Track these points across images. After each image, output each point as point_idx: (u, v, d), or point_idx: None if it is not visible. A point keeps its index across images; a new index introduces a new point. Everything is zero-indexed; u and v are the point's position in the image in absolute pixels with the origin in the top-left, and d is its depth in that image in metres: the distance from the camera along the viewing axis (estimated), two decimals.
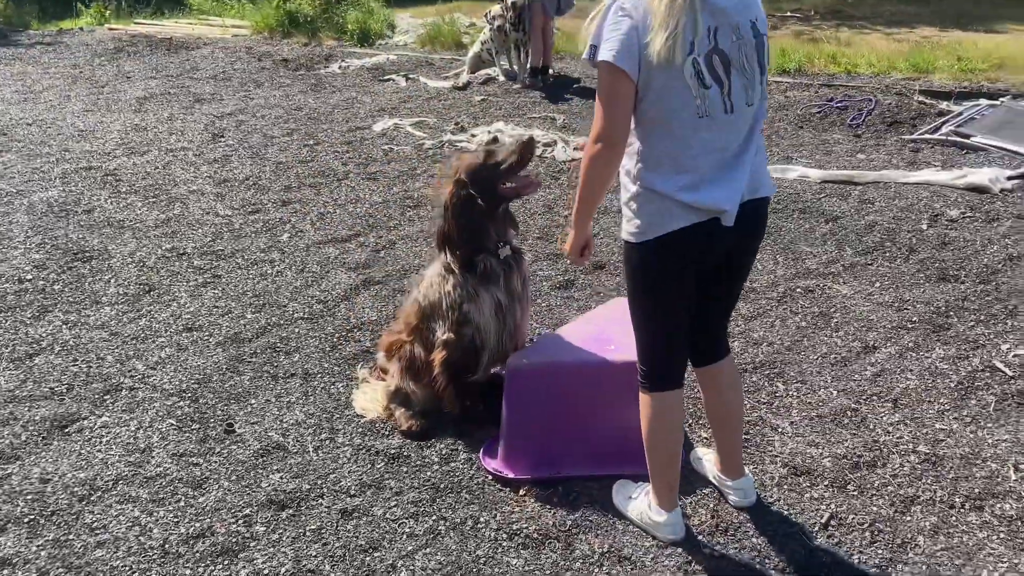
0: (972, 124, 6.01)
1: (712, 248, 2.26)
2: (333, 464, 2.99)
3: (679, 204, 2.16)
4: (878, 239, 4.55)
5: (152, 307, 4.21)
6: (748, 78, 2.15)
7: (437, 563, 2.52)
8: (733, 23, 2.10)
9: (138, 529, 2.70)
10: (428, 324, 3.08)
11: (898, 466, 2.83)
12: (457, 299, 2.95)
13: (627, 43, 2.07)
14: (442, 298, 3.01)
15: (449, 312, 2.98)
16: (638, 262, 2.31)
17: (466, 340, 2.99)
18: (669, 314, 2.35)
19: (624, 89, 2.11)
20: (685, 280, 2.29)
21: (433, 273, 3.09)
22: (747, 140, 2.22)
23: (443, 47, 10.25)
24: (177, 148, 6.82)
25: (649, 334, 2.40)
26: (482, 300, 2.95)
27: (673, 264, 2.25)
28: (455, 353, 3.00)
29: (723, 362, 2.55)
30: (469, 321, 2.97)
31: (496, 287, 2.96)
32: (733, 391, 2.60)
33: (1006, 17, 11.03)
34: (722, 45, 2.09)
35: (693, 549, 2.52)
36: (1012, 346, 3.46)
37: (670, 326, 2.37)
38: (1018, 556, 2.41)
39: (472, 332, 2.98)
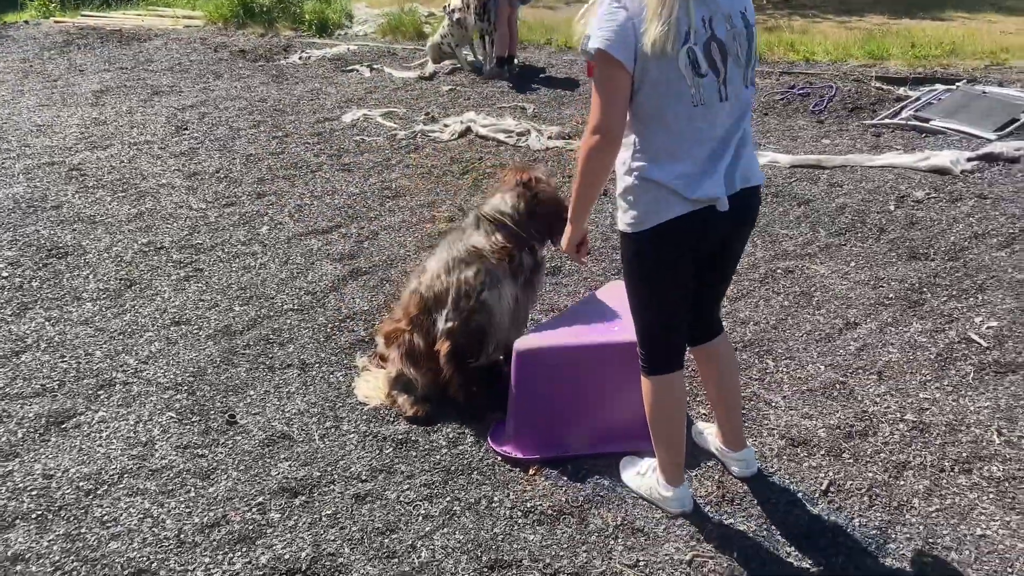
0: (930, 108, 6.24)
1: (707, 236, 2.32)
2: (341, 451, 3.01)
3: (675, 193, 2.21)
4: (849, 220, 4.71)
5: (135, 302, 4.16)
6: (741, 67, 2.22)
7: (456, 541, 2.57)
8: (725, 13, 2.16)
9: (150, 521, 2.69)
10: (429, 315, 3.11)
11: (888, 434, 2.96)
12: (477, 286, 2.99)
13: (622, 34, 2.10)
14: (452, 287, 3.03)
15: (462, 299, 3.01)
16: (635, 252, 2.35)
17: (472, 327, 3.03)
18: (666, 301, 2.40)
19: (621, 80, 2.14)
20: (681, 268, 2.34)
21: (441, 264, 3.10)
22: (739, 128, 2.28)
23: (405, 37, 10.20)
24: (141, 141, 6.70)
25: (647, 321, 2.45)
26: (504, 290, 3.00)
27: (669, 253, 2.31)
28: (460, 340, 3.04)
29: (717, 340, 2.63)
30: (483, 309, 3.01)
31: (519, 280, 3.02)
32: (729, 368, 2.69)
33: (950, 5, 11.42)
34: (719, 34, 2.15)
35: (702, 519, 2.61)
36: (984, 319, 3.63)
37: (668, 313, 2.42)
38: (1008, 514, 2.55)
39: (483, 320, 3.02)
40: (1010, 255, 4.16)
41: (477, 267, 3.00)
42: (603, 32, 2.12)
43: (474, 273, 3.00)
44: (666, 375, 2.47)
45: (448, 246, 3.11)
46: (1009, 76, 7.17)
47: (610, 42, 2.11)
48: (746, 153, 2.31)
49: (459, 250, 3.05)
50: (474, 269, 3.01)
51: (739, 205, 2.30)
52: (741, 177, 2.29)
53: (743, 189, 2.30)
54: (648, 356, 2.48)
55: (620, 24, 2.11)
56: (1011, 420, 2.98)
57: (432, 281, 3.11)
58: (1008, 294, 3.80)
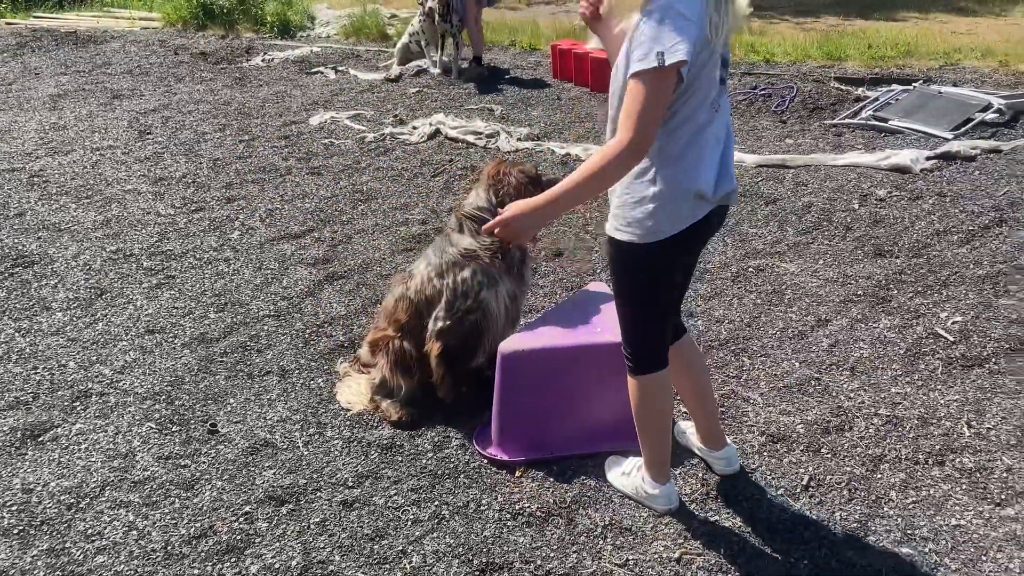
0: (888, 108, 6.40)
1: (710, 236, 2.38)
2: (326, 458, 3.01)
3: (702, 197, 2.23)
4: (816, 219, 4.82)
5: (107, 311, 4.09)
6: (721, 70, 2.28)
7: (447, 545, 2.58)
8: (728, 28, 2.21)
9: (136, 533, 2.66)
10: (420, 320, 3.11)
11: (863, 428, 3.04)
12: (475, 286, 3.00)
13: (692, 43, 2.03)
14: (446, 289, 3.03)
15: (458, 300, 3.02)
16: (643, 261, 2.30)
17: (466, 327, 3.04)
18: (664, 304, 2.44)
19: (670, 94, 2.08)
20: (684, 269, 2.40)
21: (431, 268, 3.10)
22: (729, 129, 2.35)
23: (368, 39, 10.15)
24: (103, 146, 6.58)
25: (641, 324, 2.45)
26: (502, 287, 3.02)
27: (680, 258, 2.36)
28: (451, 341, 3.05)
29: (684, 339, 2.69)
30: (480, 308, 3.02)
31: (512, 275, 3.05)
32: (699, 365, 2.74)
33: (904, 6, 11.70)
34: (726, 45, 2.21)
35: (688, 517, 2.66)
36: (949, 314, 3.75)
37: (662, 315, 2.46)
38: (980, 504, 2.65)
39: (479, 319, 3.04)
40: (971, 251, 4.30)
41: (473, 268, 3.02)
42: (677, 43, 2.00)
43: (471, 274, 3.01)
44: (655, 374, 2.51)
45: (437, 251, 3.12)
46: (963, 76, 7.38)
47: (688, 54, 2.00)
48: (732, 153, 2.38)
49: (451, 254, 3.06)
50: (470, 270, 3.01)
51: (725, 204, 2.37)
52: (731, 176, 2.35)
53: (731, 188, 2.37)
54: (637, 356, 2.50)
55: (690, 32, 2.01)
56: (979, 412, 3.08)
57: (423, 285, 3.11)
58: (971, 289, 3.93)
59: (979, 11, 11.36)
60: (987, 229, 4.50)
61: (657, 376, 2.51)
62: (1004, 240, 4.36)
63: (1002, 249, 4.26)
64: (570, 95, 7.53)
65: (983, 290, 3.91)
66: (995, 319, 3.66)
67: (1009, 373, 3.30)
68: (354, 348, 3.65)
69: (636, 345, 2.50)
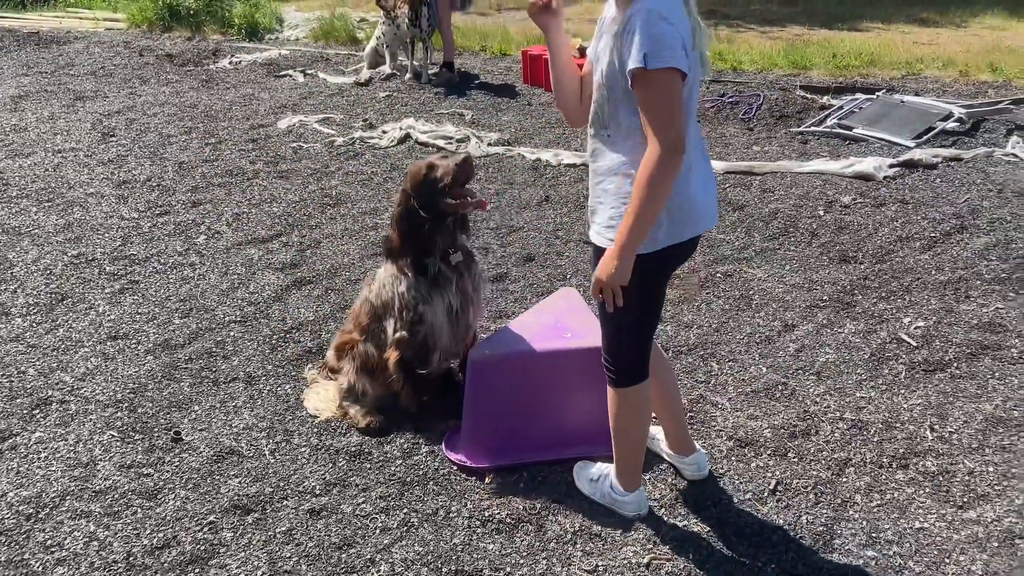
0: (853, 117, 6.50)
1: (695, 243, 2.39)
2: (293, 465, 2.97)
3: (697, 209, 2.26)
4: (782, 225, 4.87)
5: (68, 316, 4.01)
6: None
7: (416, 553, 2.56)
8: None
9: (96, 544, 2.61)
10: (380, 324, 3.10)
11: (829, 433, 3.08)
12: (411, 300, 2.99)
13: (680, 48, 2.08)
14: (395, 298, 3.03)
15: (403, 312, 3.01)
16: (637, 272, 2.22)
17: (419, 338, 3.03)
18: (653, 316, 2.45)
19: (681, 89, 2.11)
20: (666, 280, 2.42)
21: (386, 274, 3.09)
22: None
23: (338, 42, 10.08)
24: (65, 149, 6.46)
25: (630, 336, 2.43)
26: (435, 303, 2.99)
27: (670, 270, 2.38)
28: (408, 351, 3.04)
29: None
30: (423, 321, 3.01)
31: (448, 291, 3.00)
32: (666, 372, 2.75)
33: (867, 16, 11.91)
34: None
35: (657, 522, 2.67)
36: (912, 319, 3.81)
37: (650, 326, 2.46)
38: (943, 507, 2.69)
39: (425, 331, 3.02)
40: (932, 257, 4.37)
41: (406, 283, 3.01)
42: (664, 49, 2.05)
43: (406, 288, 3.01)
44: (637, 386, 2.50)
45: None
46: (925, 85, 7.52)
47: (676, 58, 2.06)
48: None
49: (392, 268, 3.06)
50: (404, 285, 3.01)
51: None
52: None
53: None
54: (620, 368, 2.47)
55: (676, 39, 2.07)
56: (942, 416, 3.13)
57: (379, 290, 3.10)
58: (933, 295, 3.99)
59: (940, 22, 11.60)
60: (948, 236, 4.58)
61: (639, 388, 2.51)
62: (965, 247, 4.44)
63: (963, 256, 4.34)
64: (541, 100, 7.54)
65: (944, 296, 3.97)
66: (956, 324, 3.73)
67: (970, 377, 3.36)
68: (322, 354, 3.62)
69: (620, 357, 2.47)
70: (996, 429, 3.04)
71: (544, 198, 5.36)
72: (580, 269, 4.39)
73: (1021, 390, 3.25)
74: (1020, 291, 3.97)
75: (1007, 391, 3.25)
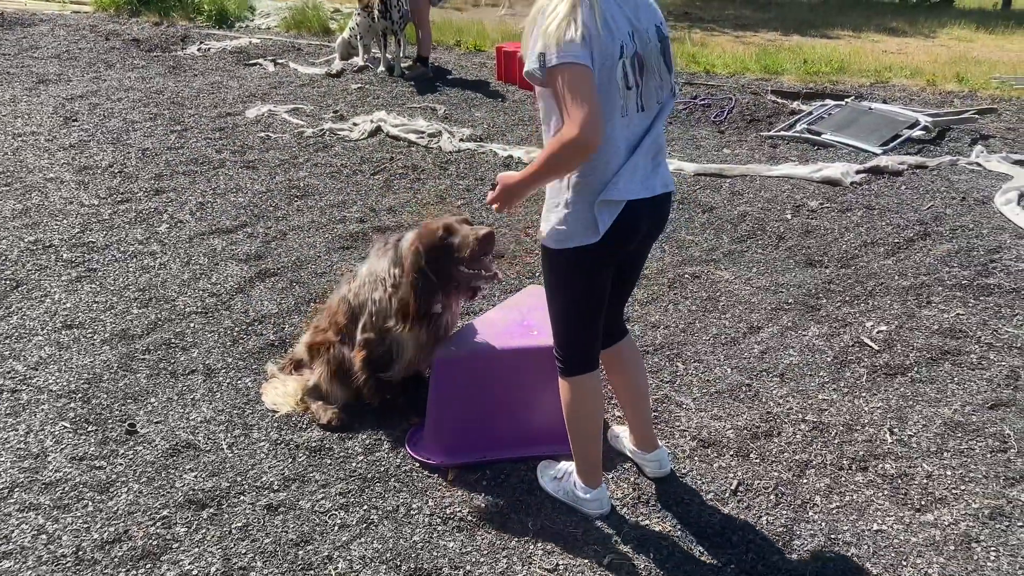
0: (822, 122, 6.56)
1: (630, 241, 2.37)
2: (251, 460, 2.92)
3: (607, 205, 2.24)
4: (750, 228, 4.90)
5: (23, 304, 3.91)
6: (659, 79, 2.28)
7: (374, 551, 2.52)
8: (643, 27, 2.22)
9: (45, 537, 2.53)
10: (356, 323, 3.04)
11: (791, 434, 3.09)
12: (381, 321, 2.93)
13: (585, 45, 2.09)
14: (369, 302, 2.97)
15: (375, 317, 2.95)
16: (562, 265, 2.36)
17: (386, 345, 2.98)
18: (589, 307, 2.43)
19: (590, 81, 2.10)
20: (604, 273, 2.39)
21: (368, 275, 3.01)
22: (656, 136, 2.33)
23: (310, 32, 9.98)
24: (26, 132, 6.31)
25: (570, 325, 2.47)
26: (407, 341, 2.93)
27: (602, 263, 2.35)
28: (375, 352, 2.99)
29: (623, 342, 2.69)
30: (391, 337, 2.95)
31: (425, 329, 2.91)
32: (636, 368, 2.75)
33: (838, 24, 12.05)
34: (639, 48, 2.20)
35: (619, 521, 2.66)
36: (875, 323, 3.85)
37: (590, 317, 2.45)
38: (901, 510, 2.71)
39: (391, 345, 2.97)
40: (896, 263, 4.42)
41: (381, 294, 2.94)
42: (566, 45, 2.07)
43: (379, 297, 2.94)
44: (583, 376, 2.50)
45: (375, 257, 3.04)
46: (892, 93, 7.62)
47: (577, 55, 2.07)
48: (663, 159, 2.38)
49: (377, 270, 2.99)
50: (379, 293, 2.93)
51: (657, 210, 2.37)
52: (661, 183, 2.35)
53: (661, 194, 2.36)
54: (567, 358, 2.51)
55: (582, 36, 2.08)
56: (901, 420, 3.16)
57: (359, 290, 3.04)
58: (895, 300, 4.03)
59: (909, 32, 11.78)
60: (912, 242, 4.64)
61: (586, 378, 2.51)
62: (928, 253, 4.50)
63: (926, 262, 4.40)
64: (514, 97, 7.52)
65: (907, 301, 4.02)
66: (917, 329, 3.77)
67: (930, 382, 3.40)
68: (285, 348, 3.56)
69: (564, 346, 2.50)
70: (954, 433, 3.07)
71: None
72: None
73: (979, 395, 3.30)
74: (980, 297, 4.02)
75: (966, 396, 3.29)
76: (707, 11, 12.83)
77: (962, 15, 13.84)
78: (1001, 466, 2.90)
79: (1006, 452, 2.97)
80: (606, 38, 2.12)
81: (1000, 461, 2.92)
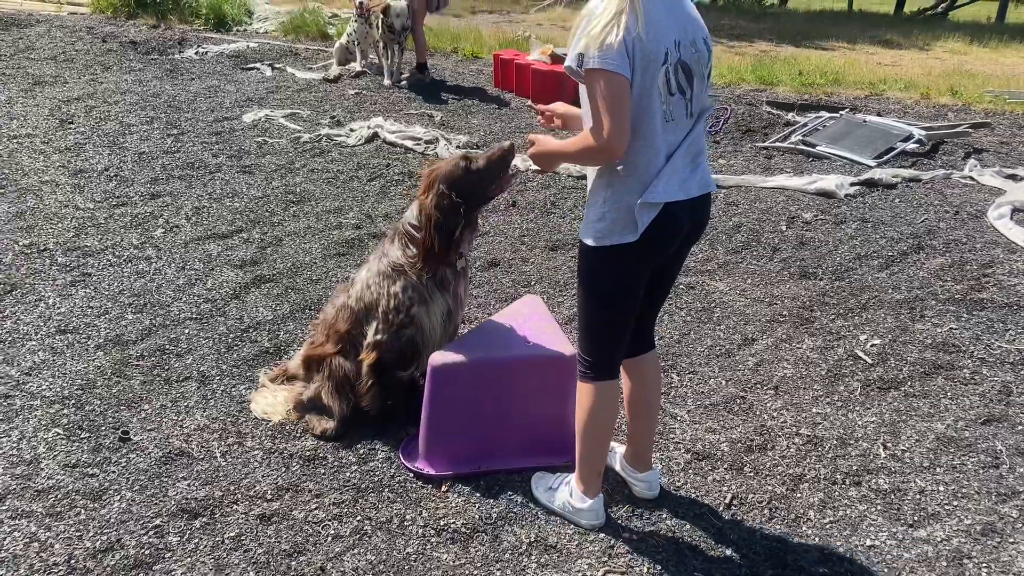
0: (816, 134, 6.59)
1: (670, 242, 2.38)
2: (244, 469, 2.91)
3: (646, 207, 2.26)
4: (745, 239, 4.92)
5: (16, 308, 3.89)
6: (703, 86, 2.30)
7: (367, 562, 2.52)
8: (689, 38, 2.24)
9: (37, 545, 2.52)
10: (361, 328, 3.02)
11: (785, 448, 3.10)
12: (406, 301, 2.92)
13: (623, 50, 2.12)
14: (382, 299, 2.95)
15: (391, 314, 2.94)
16: (597, 264, 2.38)
17: (403, 341, 2.97)
18: (623, 311, 2.44)
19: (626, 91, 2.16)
20: (640, 277, 2.40)
21: (371, 275, 3.01)
22: (695, 139, 2.34)
23: (308, 37, 9.99)
24: (21, 135, 6.29)
25: (599, 328, 2.48)
26: (434, 305, 2.95)
27: (631, 265, 2.36)
28: (387, 355, 2.98)
29: (648, 354, 2.69)
30: (413, 323, 2.95)
31: (447, 293, 2.97)
32: (654, 384, 2.73)
33: (833, 36, 12.11)
34: (685, 57, 2.23)
35: (614, 533, 2.66)
36: (868, 336, 3.86)
37: (621, 321, 2.46)
38: (894, 525, 2.72)
39: (413, 333, 2.97)
40: (890, 276, 4.44)
41: (403, 283, 2.94)
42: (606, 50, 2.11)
43: (401, 289, 2.94)
44: (604, 382, 2.51)
45: (375, 258, 3.04)
46: (887, 106, 7.66)
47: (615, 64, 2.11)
48: (703, 161, 2.40)
49: (384, 264, 2.99)
50: (400, 284, 2.94)
51: (697, 212, 2.39)
52: (698, 184, 2.37)
53: (700, 196, 2.38)
54: (592, 363, 2.51)
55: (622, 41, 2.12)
56: (895, 434, 3.17)
57: (362, 292, 3.02)
58: (889, 313, 4.05)
59: (904, 44, 11.85)
60: (905, 255, 4.66)
61: (606, 385, 2.51)
62: (921, 266, 4.52)
63: (919, 275, 4.42)
64: (511, 105, 7.54)
65: (900, 314, 4.04)
66: (911, 343, 3.78)
67: (923, 396, 3.41)
68: (279, 355, 3.55)
69: (590, 351, 2.50)
70: (947, 448, 3.09)
71: (511, 203, 5.34)
72: (545, 276, 4.38)
73: (972, 410, 3.31)
74: (973, 312, 4.05)
75: (959, 411, 3.31)
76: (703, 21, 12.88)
77: (956, 28, 13.93)
78: (993, 482, 2.91)
79: (998, 468, 2.98)
80: (650, 44, 2.15)
81: (992, 477, 2.94)
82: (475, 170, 2.86)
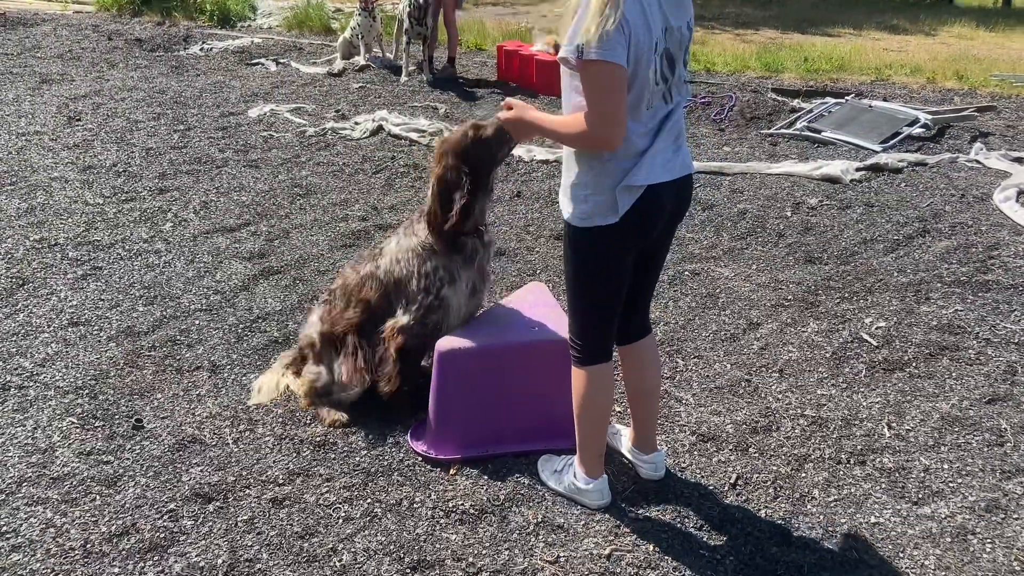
0: (822, 120, 6.59)
1: (653, 223, 2.40)
2: (256, 455, 2.95)
3: (627, 189, 2.29)
4: (750, 225, 4.93)
5: (29, 301, 3.94)
6: (682, 71, 2.33)
7: (378, 543, 2.56)
8: (676, 24, 2.26)
9: (53, 531, 2.57)
10: (386, 301, 3.02)
11: (790, 429, 3.12)
12: (437, 282, 2.93)
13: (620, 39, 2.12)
14: (413, 277, 2.95)
15: (421, 295, 2.94)
16: (583, 243, 2.40)
17: (428, 328, 2.99)
18: (610, 293, 2.47)
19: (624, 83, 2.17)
20: (626, 259, 2.42)
21: (403, 248, 2.99)
22: (676, 121, 2.37)
23: (312, 32, 10.02)
24: (30, 132, 6.35)
25: (588, 312, 2.50)
26: (460, 282, 2.95)
27: (616, 246, 2.38)
28: (413, 340, 2.99)
29: (646, 339, 2.72)
30: (442, 306, 2.95)
31: (473, 267, 2.96)
32: (653, 368, 2.76)
33: (839, 22, 12.06)
34: (670, 44, 2.25)
35: (619, 513, 2.69)
36: (873, 319, 3.88)
37: (608, 304, 2.49)
38: (898, 503, 2.74)
39: (440, 319, 2.98)
40: (895, 260, 4.45)
41: (435, 263, 2.93)
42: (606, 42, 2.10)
43: (433, 269, 2.93)
44: (597, 366, 2.53)
45: (404, 232, 3.03)
46: (892, 91, 7.65)
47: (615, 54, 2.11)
48: (683, 143, 2.43)
49: (414, 242, 2.97)
50: (431, 264, 2.93)
51: (679, 192, 2.42)
52: (680, 165, 2.39)
53: (682, 176, 2.41)
54: (583, 347, 2.53)
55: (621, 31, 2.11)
56: (899, 414, 3.19)
57: (391, 265, 3.00)
58: (894, 296, 4.07)
59: (910, 30, 11.80)
60: (911, 239, 4.67)
61: (599, 368, 2.54)
62: (927, 250, 4.53)
63: (924, 259, 4.43)
64: (515, 96, 7.55)
65: (905, 297, 4.05)
66: (916, 325, 3.80)
67: (928, 377, 3.43)
68: (288, 344, 3.59)
69: (580, 335, 2.53)
70: (952, 428, 3.10)
71: (516, 193, 5.37)
72: (550, 264, 4.41)
73: (977, 390, 3.33)
74: (978, 294, 4.05)
75: (963, 391, 3.32)
76: (708, 9, 12.86)
77: (962, 13, 13.86)
78: (998, 460, 2.93)
79: (1003, 446, 3.00)
80: (643, 34, 2.16)
81: (997, 455, 2.96)
82: (484, 139, 2.80)
